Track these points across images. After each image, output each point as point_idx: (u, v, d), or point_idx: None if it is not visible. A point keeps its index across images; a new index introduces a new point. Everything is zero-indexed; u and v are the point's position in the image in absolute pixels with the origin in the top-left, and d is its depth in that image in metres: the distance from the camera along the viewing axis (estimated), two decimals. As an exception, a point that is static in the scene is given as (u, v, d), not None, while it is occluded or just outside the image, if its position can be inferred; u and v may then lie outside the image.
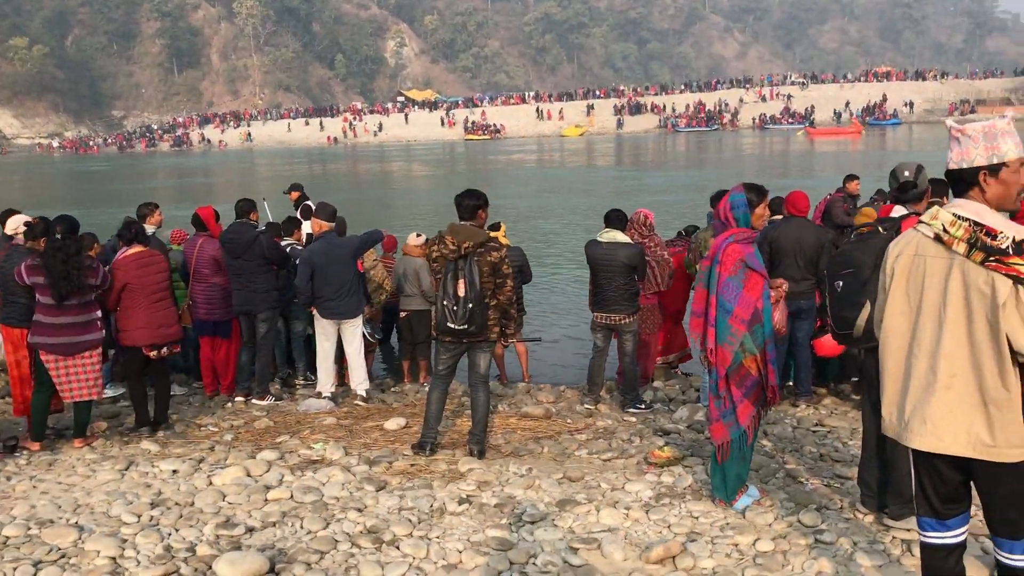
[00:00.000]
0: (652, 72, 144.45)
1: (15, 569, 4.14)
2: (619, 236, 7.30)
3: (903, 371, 3.07)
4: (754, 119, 76.90)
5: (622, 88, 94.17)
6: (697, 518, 4.72)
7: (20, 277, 6.13)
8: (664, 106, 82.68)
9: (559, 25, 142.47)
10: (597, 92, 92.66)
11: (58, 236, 6.22)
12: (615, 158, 52.09)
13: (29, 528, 4.66)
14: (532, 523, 4.66)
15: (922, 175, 4.99)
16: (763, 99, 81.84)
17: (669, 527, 4.60)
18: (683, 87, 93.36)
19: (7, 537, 4.55)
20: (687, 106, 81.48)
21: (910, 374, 3.04)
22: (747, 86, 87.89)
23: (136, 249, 6.76)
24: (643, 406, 7.38)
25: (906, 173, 4.96)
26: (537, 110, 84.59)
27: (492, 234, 8.35)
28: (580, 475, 5.48)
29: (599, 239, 7.35)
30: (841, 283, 4.54)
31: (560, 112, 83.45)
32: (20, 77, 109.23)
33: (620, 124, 79.75)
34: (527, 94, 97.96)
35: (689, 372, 8.84)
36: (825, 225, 9.18)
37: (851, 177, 10.55)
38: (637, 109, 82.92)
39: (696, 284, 4.91)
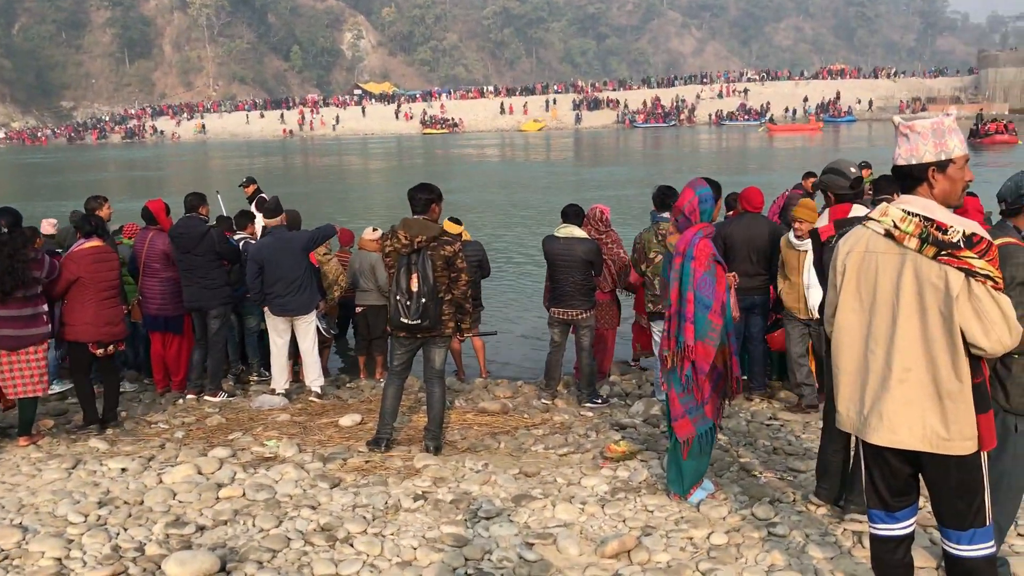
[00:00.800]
0: (610, 67, 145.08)
1: (-45, 572, 4.03)
2: (576, 231, 7.29)
3: (859, 367, 3.10)
4: (710, 115, 77.62)
5: (580, 83, 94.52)
6: (652, 512, 4.74)
7: None
8: (620, 101, 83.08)
9: (518, 19, 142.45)
10: (556, 87, 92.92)
11: (4, 230, 6.03)
12: (573, 153, 52.29)
13: (-30, 529, 4.53)
14: (488, 519, 4.64)
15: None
16: (720, 95, 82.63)
17: (624, 521, 4.61)
18: (641, 83, 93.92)
19: (-53, 540, 4.43)
20: (645, 102, 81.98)
21: (867, 370, 3.07)
22: (704, 82, 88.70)
23: (93, 243, 6.60)
24: (600, 401, 7.39)
25: (852, 170, 5.02)
26: (501, 105, 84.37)
27: (456, 229, 8.33)
28: (536, 470, 5.48)
29: (556, 234, 7.33)
30: None
31: (524, 106, 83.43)
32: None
33: (578, 119, 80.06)
34: (486, 88, 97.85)
35: (646, 367, 8.88)
36: (781, 222, 9.25)
37: (810, 174, 10.60)
38: (595, 104, 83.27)
39: (673, 283, 4.80)
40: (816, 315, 6.30)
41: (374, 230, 8.79)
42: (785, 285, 6.65)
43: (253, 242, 8.29)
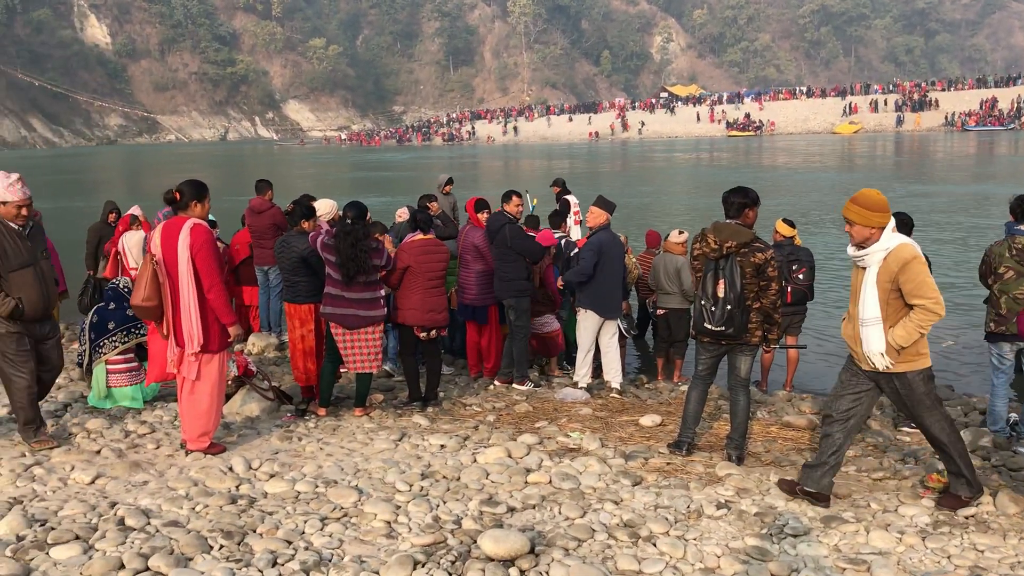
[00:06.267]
0: (939, 66, 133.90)
1: (305, 522, 4.56)
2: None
3: None
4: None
5: (902, 83, 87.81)
6: (982, 552, 4.30)
7: (313, 244, 6.72)
8: (943, 102, 75.65)
9: (837, 17, 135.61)
10: (875, 87, 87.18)
11: (348, 221, 6.71)
12: (894, 161, 48.59)
13: (317, 486, 5.11)
14: (795, 536, 4.47)
15: None
16: (1074, 96, 72.93)
17: (949, 558, 4.24)
18: (976, 82, 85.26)
19: (299, 492, 5.03)
20: (980, 102, 74.18)
21: None
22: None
23: (421, 236, 7.20)
24: (918, 426, 6.85)
25: None
26: (848, 106, 79.67)
27: (789, 232, 8.12)
28: (847, 492, 5.18)
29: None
30: None
31: (871, 104, 78.35)
32: (317, 75, 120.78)
33: (900, 121, 74.30)
34: (798, 89, 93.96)
35: (971, 394, 8.11)
36: None
37: None
38: (920, 105, 76.85)
39: None
40: (874, 365, 4.71)
41: (680, 232, 8.78)
42: (844, 316, 5.06)
43: (571, 240, 8.59)
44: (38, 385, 5.85)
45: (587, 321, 7.77)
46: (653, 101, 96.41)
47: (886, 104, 78.48)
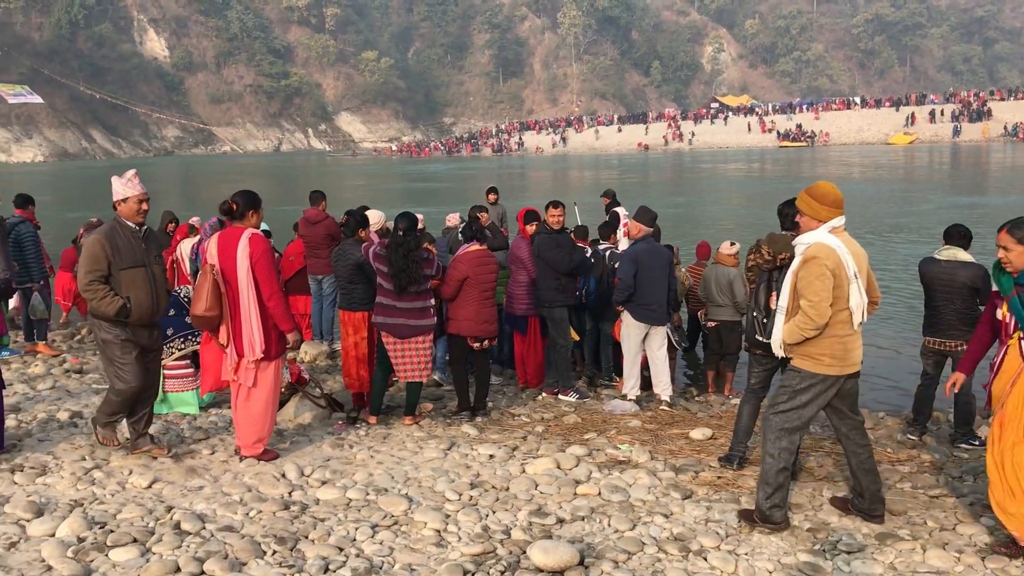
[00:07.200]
0: (998, 75, 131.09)
1: (357, 529, 4.61)
2: (961, 255, 6.69)
3: None
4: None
5: (958, 92, 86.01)
6: (1044, 574, 4.20)
7: (365, 254, 6.82)
8: (991, 112, 73.78)
9: (891, 26, 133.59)
10: (931, 97, 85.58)
11: (400, 232, 6.78)
12: (950, 174, 47.57)
13: (368, 494, 5.16)
14: (848, 553, 4.40)
15: None
16: None
17: (1009, 579, 4.14)
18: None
19: (350, 499, 5.08)
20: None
21: None
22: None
23: (476, 247, 7.26)
24: (977, 443, 6.70)
25: None
26: (911, 116, 78.08)
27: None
28: (903, 509, 5.09)
29: (937, 257, 6.78)
30: None
31: (931, 115, 76.57)
32: (369, 87, 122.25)
33: (957, 132, 72.71)
34: (851, 99, 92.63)
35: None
36: None
37: None
38: (978, 116, 75.17)
39: None
40: (782, 352, 4.83)
41: (732, 244, 8.71)
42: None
43: (617, 252, 8.57)
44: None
45: (629, 328, 7.75)
46: (704, 112, 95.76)
47: (943, 114, 76.91)
